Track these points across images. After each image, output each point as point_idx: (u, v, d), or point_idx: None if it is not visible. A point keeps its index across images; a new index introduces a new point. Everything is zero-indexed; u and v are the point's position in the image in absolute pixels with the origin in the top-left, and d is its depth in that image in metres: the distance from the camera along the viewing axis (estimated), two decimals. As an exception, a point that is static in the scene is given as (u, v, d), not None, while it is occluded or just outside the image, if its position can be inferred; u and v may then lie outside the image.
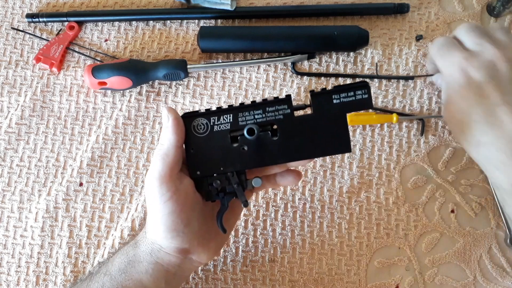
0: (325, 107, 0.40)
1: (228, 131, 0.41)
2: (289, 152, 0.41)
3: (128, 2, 0.65)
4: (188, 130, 0.41)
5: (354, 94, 0.39)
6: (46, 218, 0.58)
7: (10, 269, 0.57)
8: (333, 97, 0.39)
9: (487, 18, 0.63)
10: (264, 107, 0.40)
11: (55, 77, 0.62)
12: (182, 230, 0.42)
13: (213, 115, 0.41)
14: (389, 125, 0.59)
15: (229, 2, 0.61)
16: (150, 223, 0.43)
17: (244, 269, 0.55)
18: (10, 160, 0.60)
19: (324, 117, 0.40)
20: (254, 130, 0.39)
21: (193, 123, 0.41)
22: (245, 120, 0.40)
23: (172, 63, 0.59)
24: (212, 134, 0.41)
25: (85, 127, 0.61)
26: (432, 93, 0.61)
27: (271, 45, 0.61)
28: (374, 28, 0.63)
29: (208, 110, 0.41)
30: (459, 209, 0.57)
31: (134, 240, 0.46)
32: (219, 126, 0.41)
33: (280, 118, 0.40)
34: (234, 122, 0.40)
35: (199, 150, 0.41)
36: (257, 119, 0.40)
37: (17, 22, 0.64)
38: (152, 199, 0.41)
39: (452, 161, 0.58)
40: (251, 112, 0.40)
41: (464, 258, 0.55)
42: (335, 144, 0.41)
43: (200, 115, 0.41)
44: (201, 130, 0.41)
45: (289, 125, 0.40)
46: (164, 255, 0.43)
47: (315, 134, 0.40)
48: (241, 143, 0.41)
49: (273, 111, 0.40)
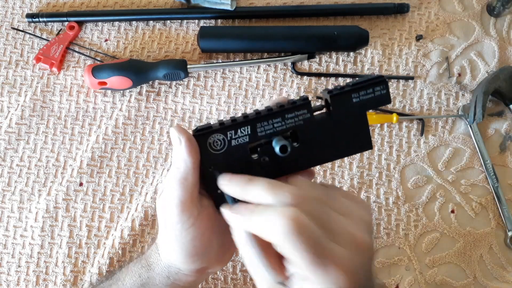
0: (345, 107, 0.38)
1: (247, 144, 0.38)
2: (311, 156, 0.38)
3: (128, 2, 0.65)
4: (203, 148, 0.38)
5: (373, 91, 0.37)
6: (46, 218, 0.58)
7: (10, 269, 0.56)
8: (352, 96, 0.37)
9: (487, 18, 0.63)
10: (283, 114, 0.37)
11: (55, 77, 0.62)
12: (203, 253, 0.40)
13: (229, 129, 0.37)
14: (389, 125, 0.59)
15: (229, 2, 0.61)
16: (166, 247, 0.41)
17: (244, 269, 0.55)
18: (10, 160, 0.60)
19: (344, 117, 0.38)
20: (287, 147, 0.36)
21: (209, 140, 0.38)
22: (264, 130, 0.38)
23: (172, 63, 0.59)
24: (230, 149, 0.38)
25: (85, 127, 0.61)
26: (432, 93, 0.61)
27: (271, 45, 0.61)
28: (374, 28, 0.63)
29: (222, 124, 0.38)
30: (459, 209, 0.57)
31: (146, 261, 0.44)
32: (237, 140, 0.38)
33: (301, 124, 0.38)
34: (253, 134, 0.38)
35: (217, 167, 0.38)
36: (276, 128, 0.38)
37: (17, 22, 0.64)
38: (171, 226, 0.38)
39: (452, 161, 0.58)
40: (270, 121, 0.37)
41: (464, 258, 0.55)
42: (357, 143, 0.39)
43: (216, 131, 0.38)
44: (218, 147, 0.38)
45: (309, 130, 0.38)
46: (182, 276, 0.42)
47: (336, 135, 0.38)
48: (262, 154, 0.38)
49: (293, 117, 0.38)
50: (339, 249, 0.32)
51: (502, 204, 0.56)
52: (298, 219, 0.31)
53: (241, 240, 0.34)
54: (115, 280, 0.45)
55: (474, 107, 0.57)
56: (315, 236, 0.31)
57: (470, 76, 0.61)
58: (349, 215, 0.34)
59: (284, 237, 0.31)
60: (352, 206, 0.35)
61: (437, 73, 0.61)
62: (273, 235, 0.31)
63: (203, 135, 0.38)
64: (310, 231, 0.31)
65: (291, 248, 0.31)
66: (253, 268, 0.34)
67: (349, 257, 0.32)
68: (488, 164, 0.58)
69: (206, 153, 0.38)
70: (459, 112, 0.59)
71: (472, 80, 0.61)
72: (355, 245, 0.33)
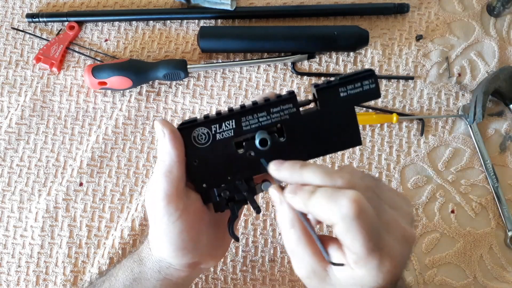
0: (332, 101, 0.37)
1: (232, 138, 0.38)
2: (298, 152, 0.38)
3: (128, 2, 0.65)
4: (188, 142, 0.38)
5: (362, 85, 0.37)
6: (46, 218, 0.58)
7: (10, 269, 0.56)
8: (339, 90, 0.37)
9: (487, 18, 0.63)
10: (268, 109, 0.37)
11: (55, 77, 0.62)
12: (193, 247, 0.40)
13: (214, 123, 0.37)
14: (389, 125, 0.59)
15: (229, 2, 0.61)
16: (156, 242, 0.41)
17: (244, 269, 0.55)
18: (10, 160, 0.60)
19: (332, 111, 0.37)
20: (267, 141, 0.36)
21: (193, 134, 0.38)
22: (249, 124, 0.37)
23: (172, 63, 0.59)
24: (215, 143, 0.38)
25: (85, 127, 0.61)
26: (432, 93, 0.61)
27: (271, 45, 0.60)
28: (374, 28, 0.63)
29: (207, 117, 0.38)
30: (459, 209, 0.57)
31: (138, 256, 0.44)
32: (221, 134, 0.38)
33: (286, 118, 0.37)
34: (237, 128, 0.37)
35: (202, 161, 0.38)
36: (262, 122, 0.37)
37: (17, 22, 0.64)
38: (159, 219, 0.38)
39: (452, 161, 0.58)
40: (255, 115, 0.37)
41: (464, 258, 0.55)
42: (345, 139, 0.38)
43: (200, 124, 0.38)
44: (202, 141, 0.38)
45: (296, 124, 0.38)
46: (173, 271, 0.42)
47: (323, 130, 0.38)
48: (247, 148, 0.38)
49: (278, 112, 0.37)
50: (392, 240, 0.32)
51: (502, 204, 0.56)
52: (362, 203, 0.31)
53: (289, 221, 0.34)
54: (109, 276, 0.46)
55: (474, 107, 0.57)
56: (375, 223, 0.31)
57: (470, 76, 0.61)
58: (397, 208, 0.35)
59: (347, 219, 0.31)
60: (398, 199, 0.36)
61: (437, 73, 0.61)
62: (335, 216, 0.31)
63: (187, 128, 0.38)
64: (371, 217, 0.31)
65: (353, 231, 0.31)
66: (297, 251, 0.34)
67: (399, 249, 0.33)
68: (488, 164, 0.58)
69: (191, 146, 0.38)
70: (459, 112, 0.59)
71: (472, 80, 0.61)
72: (404, 238, 0.33)
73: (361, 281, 0.33)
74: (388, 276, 0.32)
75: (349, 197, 0.30)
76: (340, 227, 0.31)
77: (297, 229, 0.34)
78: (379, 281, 0.32)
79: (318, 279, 0.34)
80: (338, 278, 0.33)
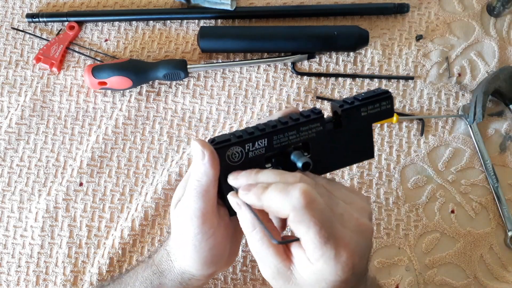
0: (353, 120, 0.40)
1: (263, 155, 0.39)
2: (321, 166, 0.40)
3: (128, 2, 0.65)
4: (222, 160, 0.39)
5: (380, 105, 0.40)
6: (46, 218, 0.58)
7: (10, 269, 0.56)
8: (361, 110, 0.40)
9: (487, 18, 0.63)
10: (298, 127, 0.39)
11: (55, 77, 0.62)
12: (218, 260, 0.41)
13: (247, 142, 0.39)
14: (389, 125, 0.59)
15: (229, 2, 0.61)
16: (182, 256, 0.41)
17: (244, 269, 0.55)
18: (10, 160, 0.60)
19: (352, 129, 0.40)
20: (310, 165, 0.38)
21: (227, 153, 0.39)
22: (279, 142, 0.39)
23: (172, 63, 0.59)
24: (247, 160, 0.39)
25: (85, 127, 0.61)
26: (432, 93, 0.61)
27: (271, 45, 0.61)
28: (374, 28, 0.63)
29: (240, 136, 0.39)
30: (459, 209, 0.57)
31: (158, 268, 0.44)
32: (254, 152, 0.39)
33: (313, 136, 0.40)
34: (269, 146, 0.39)
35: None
36: (291, 140, 0.39)
37: (17, 22, 0.64)
38: (192, 236, 0.39)
39: (452, 161, 0.58)
40: (285, 134, 0.39)
41: (464, 258, 0.55)
42: (362, 153, 0.42)
43: (235, 143, 0.39)
44: (236, 159, 0.39)
45: (321, 141, 0.40)
46: (194, 281, 0.43)
47: (344, 145, 0.41)
48: (276, 164, 0.40)
49: (306, 130, 0.40)
50: (346, 231, 0.33)
51: (502, 204, 0.56)
52: (311, 194, 0.33)
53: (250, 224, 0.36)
54: (124, 285, 0.46)
55: (474, 107, 0.57)
56: (326, 213, 0.33)
57: (470, 76, 0.61)
58: (351, 203, 0.36)
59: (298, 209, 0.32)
60: (353, 196, 0.37)
61: (437, 73, 0.61)
62: (286, 207, 0.33)
63: (223, 148, 0.39)
64: (321, 207, 0.33)
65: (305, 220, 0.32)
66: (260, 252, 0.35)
67: (355, 240, 0.34)
68: (488, 164, 0.58)
69: (225, 165, 0.39)
70: (459, 112, 0.59)
71: (472, 80, 0.61)
72: (360, 230, 0.34)
73: (322, 275, 0.33)
74: (347, 267, 0.33)
75: (299, 188, 0.32)
76: (292, 218, 0.33)
77: (258, 230, 0.35)
78: (338, 272, 0.33)
79: (283, 279, 0.35)
80: (302, 275, 0.34)
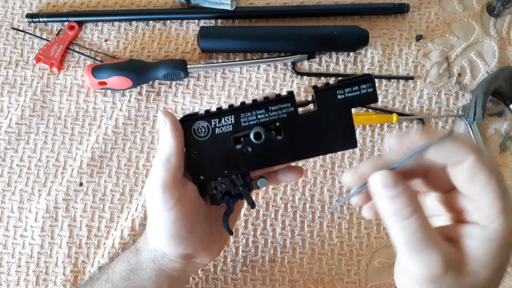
0: (329, 103, 0.38)
1: (230, 133, 0.39)
2: (294, 150, 0.39)
3: (128, 2, 0.65)
4: (188, 134, 0.39)
5: (359, 88, 0.38)
6: (46, 218, 0.58)
7: (10, 269, 0.56)
8: (337, 92, 0.38)
9: (487, 18, 0.63)
10: (267, 106, 0.39)
11: (55, 77, 0.62)
12: (186, 237, 0.41)
13: (213, 117, 0.39)
14: (389, 125, 0.59)
15: (229, 2, 0.61)
16: (152, 230, 0.42)
17: (244, 269, 0.55)
18: (10, 160, 0.60)
19: (329, 113, 0.39)
20: (261, 135, 0.38)
21: (193, 127, 0.39)
22: (247, 120, 0.39)
23: (172, 63, 0.59)
24: (214, 137, 0.39)
25: (85, 127, 0.61)
26: (432, 93, 0.61)
27: (271, 45, 0.61)
28: (374, 28, 0.63)
29: (208, 112, 0.40)
30: (459, 209, 0.57)
31: (135, 247, 0.45)
32: (220, 128, 0.39)
33: (284, 117, 0.39)
34: (236, 124, 0.39)
35: (201, 154, 0.40)
36: (260, 119, 0.39)
37: (17, 22, 0.64)
38: (155, 206, 0.39)
39: (452, 161, 0.58)
40: (254, 112, 0.39)
41: (464, 258, 0.55)
42: (341, 140, 0.39)
43: (200, 118, 0.39)
44: (202, 134, 0.39)
45: (293, 124, 0.39)
46: (167, 261, 0.43)
47: (320, 131, 0.39)
48: (245, 144, 0.39)
49: (276, 110, 0.39)
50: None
51: (502, 204, 0.56)
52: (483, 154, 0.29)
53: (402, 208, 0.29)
54: (106, 268, 0.46)
55: (474, 107, 0.57)
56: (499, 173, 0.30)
57: (470, 76, 0.61)
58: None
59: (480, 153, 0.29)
60: None
61: (437, 73, 0.61)
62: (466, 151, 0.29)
63: (188, 121, 0.39)
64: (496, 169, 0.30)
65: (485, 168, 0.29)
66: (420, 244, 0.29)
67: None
68: (488, 164, 0.58)
69: (191, 139, 0.39)
70: (459, 112, 0.59)
71: (472, 80, 0.61)
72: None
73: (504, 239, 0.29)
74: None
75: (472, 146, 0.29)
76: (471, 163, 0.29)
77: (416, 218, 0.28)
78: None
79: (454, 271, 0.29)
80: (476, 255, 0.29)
